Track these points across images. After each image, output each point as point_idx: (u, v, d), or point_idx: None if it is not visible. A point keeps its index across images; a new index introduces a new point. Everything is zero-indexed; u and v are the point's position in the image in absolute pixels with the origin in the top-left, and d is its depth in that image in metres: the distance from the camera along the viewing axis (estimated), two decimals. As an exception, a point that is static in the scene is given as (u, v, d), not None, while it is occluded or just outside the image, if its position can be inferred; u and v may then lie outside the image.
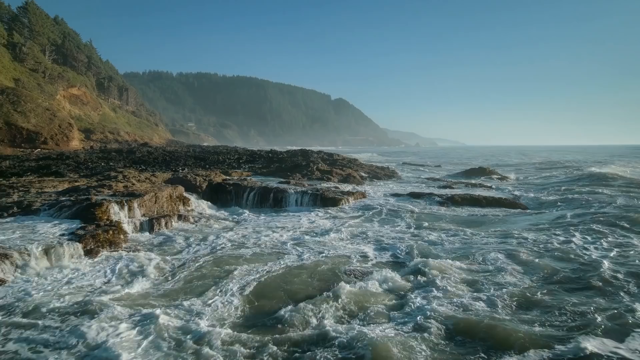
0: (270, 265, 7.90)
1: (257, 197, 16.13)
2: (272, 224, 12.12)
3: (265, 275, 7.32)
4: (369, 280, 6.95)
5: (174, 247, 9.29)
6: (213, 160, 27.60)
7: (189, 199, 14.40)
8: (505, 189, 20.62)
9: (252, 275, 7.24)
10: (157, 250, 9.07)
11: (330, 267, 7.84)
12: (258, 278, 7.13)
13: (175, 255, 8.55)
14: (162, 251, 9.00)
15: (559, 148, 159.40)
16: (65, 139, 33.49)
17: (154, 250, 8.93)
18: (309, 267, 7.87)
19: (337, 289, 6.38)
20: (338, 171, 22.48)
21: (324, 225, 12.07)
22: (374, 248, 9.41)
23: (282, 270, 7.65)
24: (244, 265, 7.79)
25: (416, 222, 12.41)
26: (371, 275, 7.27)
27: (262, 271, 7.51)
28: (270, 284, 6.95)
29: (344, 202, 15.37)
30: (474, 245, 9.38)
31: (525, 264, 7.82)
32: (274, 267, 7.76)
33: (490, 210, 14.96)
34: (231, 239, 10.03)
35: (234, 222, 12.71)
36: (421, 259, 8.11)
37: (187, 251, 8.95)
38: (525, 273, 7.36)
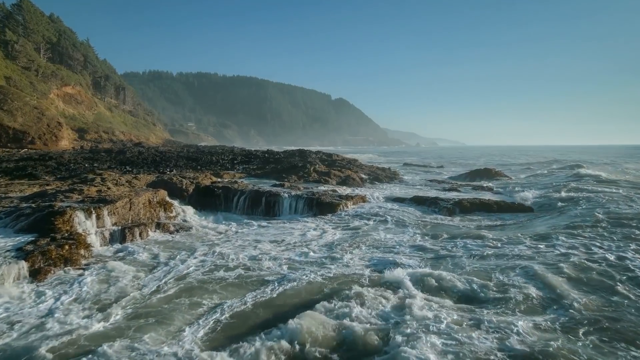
0: (252, 296, 6.41)
1: (247, 201, 14.86)
2: (260, 237, 10.81)
3: (240, 313, 5.84)
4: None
5: (142, 266, 7.95)
6: (206, 160, 26.32)
7: (172, 204, 13.13)
8: (513, 191, 19.31)
9: (225, 313, 5.76)
10: (120, 265, 7.76)
11: (328, 293, 6.53)
12: (229, 319, 5.62)
13: (137, 280, 7.12)
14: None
15: (560, 148, 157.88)
16: (54, 138, 32.24)
17: (115, 271, 7.59)
18: (296, 302, 6.28)
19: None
20: (336, 173, 21.20)
21: (319, 238, 10.75)
22: (375, 270, 8.10)
23: (262, 304, 6.16)
24: (219, 296, 6.38)
25: (424, 232, 11.13)
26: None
27: (237, 307, 6.00)
28: (243, 324, 5.50)
29: (342, 208, 14.09)
30: (510, 269, 8.00)
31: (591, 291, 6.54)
32: (257, 298, 6.34)
33: (502, 215, 13.71)
34: (211, 257, 8.66)
35: (219, 232, 11.42)
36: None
37: (154, 274, 7.47)
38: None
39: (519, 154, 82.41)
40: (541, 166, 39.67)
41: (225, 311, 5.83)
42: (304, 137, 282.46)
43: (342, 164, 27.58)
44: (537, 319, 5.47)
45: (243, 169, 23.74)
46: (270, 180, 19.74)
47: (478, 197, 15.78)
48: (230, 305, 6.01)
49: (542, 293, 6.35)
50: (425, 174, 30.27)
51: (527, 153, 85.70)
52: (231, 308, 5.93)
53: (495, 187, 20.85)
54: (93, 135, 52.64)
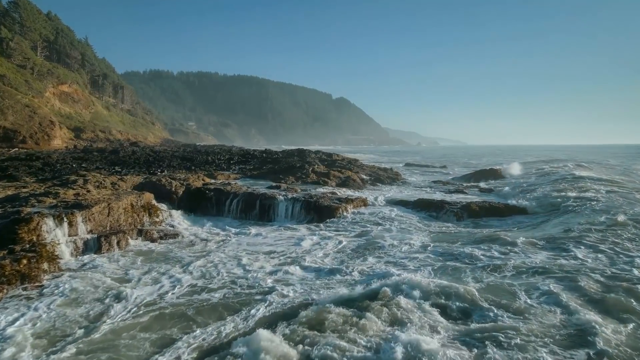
0: (233, 326, 5.37)
1: (241, 205, 13.93)
2: (252, 247, 9.86)
3: (218, 347, 4.84)
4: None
5: (111, 284, 6.94)
6: (201, 160, 25.40)
7: (158, 208, 12.21)
8: (521, 192, 18.33)
9: (197, 351, 4.73)
10: (84, 285, 6.78)
11: (330, 320, 5.56)
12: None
13: (99, 305, 6.01)
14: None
15: (562, 148, 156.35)
16: (46, 137, 31.34)
17: (77, 292, 6.59)
18: (287, 333, 5.16)
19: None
20: (336, 173, 20.25)
21: (317, 248, 9.81)
22: (379, 286, 7.13)
23: (247, 333, 5.14)
24: (196, 326, 5.37)
25: (431, 240, 10.17)
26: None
27: (214, 341, 4.98)
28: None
29: (341, 211, 13.14)
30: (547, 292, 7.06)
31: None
32: (239, 328, 5.30)
33: (513, 219, 12.77)
34: (194, 271, 7.69)
35: (207, 240, 10.48)
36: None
37: (122, 295, 6.39)
38: None
39: (523, 153, 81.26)
40: (544, 165, 38.63)
41: (216, 340, 4.87)
42: (305, 136, 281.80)
43: (343, 164, 26.64)
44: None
45: (239, 170, 22.82)
46: (267, 182, 18.80)
47: (487, 201, 14.83)
48: (205, 340, 5.03)
49: (566, 319, 5.40)
50: (428, 175, 29.31)
51: (530, 152, 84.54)
52: (207, 343, 4.96)
53: (501, 188, 19.88)
54: (89, 134, 51.75)
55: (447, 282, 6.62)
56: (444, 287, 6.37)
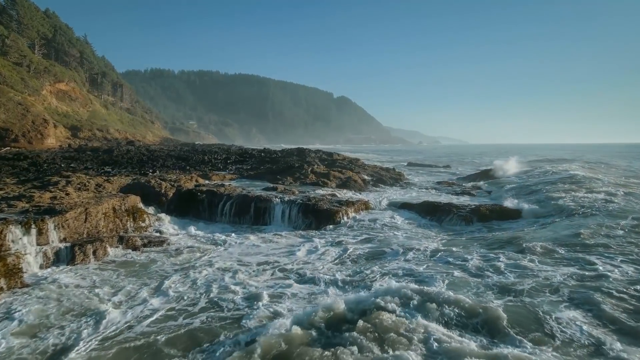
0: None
1: (234, 208, 13.07)
2: (244, 257, 9.00)
3: None
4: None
5: (74, 305, 6.07)
6: (197, 160, 24.56)
7: (144, 212, 11.35)
8: (530, 194, 17.41)
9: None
10: (45, 308, 5.90)
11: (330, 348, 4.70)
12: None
13: (64, 331, 5.16)
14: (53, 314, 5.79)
15: (564, 147, 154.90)
16: (39, 136, 30.53)
17: (36, 313, 5.66)
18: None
19: None
20: (336, 174, 19.35)
21: (316, 258, 8.96)
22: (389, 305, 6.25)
23: None
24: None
25: (439, 247, 9.27)
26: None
27: None
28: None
29: (342, 216, 12.26)
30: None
31: None
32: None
33: (524, 222, 11.88)
34: (176, 289, 6.77)
35: (196, 248, 9.61)
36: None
37: (83, 322, 5.48)
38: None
39: (527, 152, 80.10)
40: (550, 164, 37.64)
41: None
42: (306, 135, 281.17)
43: (343, 164, 25.75)
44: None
45: (236, 170, 21.95)
46: (264, 183, 17.93)
47: (498, 203, 13.92)
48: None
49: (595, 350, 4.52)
50: (432, 175, 28.40)
51: (533, 152, 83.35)
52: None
53: (509, 188, 18.95)
54: (87, 133, 50.94)
55: (469, 300, 5.70)
56: (464, 306, 5.48)
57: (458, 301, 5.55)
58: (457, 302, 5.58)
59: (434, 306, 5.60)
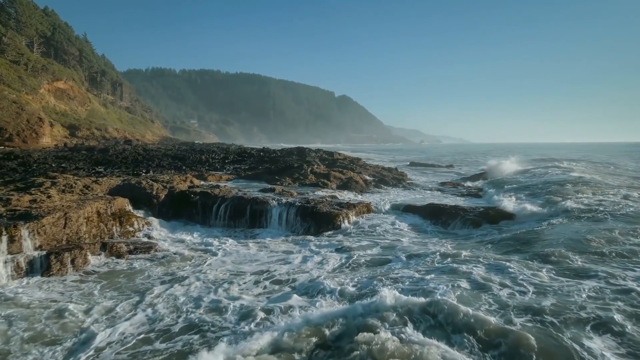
0: None
1: (229, 211, 12.42)
2: (237, 266, 8.34)
3: None
4: None
5: (49, 324, 5.43)
6: (194, 160, 23.92)
7: (133, 215, 10.71)
8: (539, 195, 16.69)
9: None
10: (6, 331, 5.25)
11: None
12: None
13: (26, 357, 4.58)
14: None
15: (568, 146, 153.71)
16: (34, 135, 29.95)
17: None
18: None
19: None
20: (337, 174, 18.69)
21: (314, 267, 8.32)
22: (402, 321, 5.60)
23: None
24: None
25: (448, 253, 8.58)
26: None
27: None
28: None
29: (342, 219, 11.59)
30: None
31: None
32: None
33: (536, 225, 11.16)
34: (161, 303, 6.15)
35: (186, 256, 8.96)
36: None
37: (59, 346, 4.85)
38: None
39: (531, 151, 79.20)
40: (553, 164, 36.90)
41: None
42: (307, 134, 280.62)
43: (344, 163, 25.08)
44: None
45: (233, 170, 21.31)
46: (262, 183, 17.29)
47: (504, 206, 13.21)
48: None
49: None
50: (434, 175, 27.69)
51: (537, 151, 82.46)
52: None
53: (512, 189, 18.22)
54: (85, 132, 50.42)
55: (491, 320, 5.02)
56: (485, 328, 4.81)
57: (478, 322, 4.87)
58: (475, 323, 4.90)
59: (445, 324, 4.96)
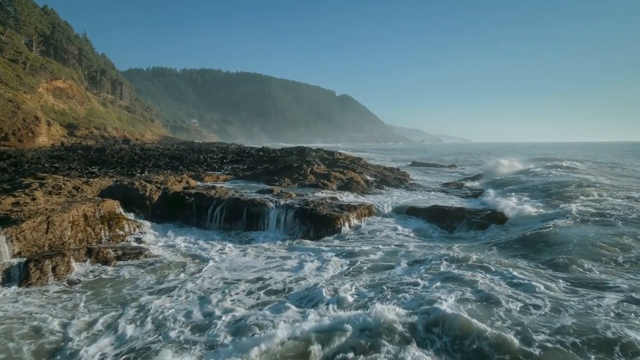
0: None
1: (225, 213, 11.93)
2: (232, 273, 7.86)
3: None
4: None
5: (19, 346, 4.91)
6: (191, 160, 23.44)
7: (123, 218, 10.22)
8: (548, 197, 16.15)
9: None
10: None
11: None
12: None
13: None
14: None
15: (571, 145, 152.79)
16: (30, 134, 29.51)
17: None
18: None
19: None
20: (337, 175, 18.18)
21: (313, 274, 7.87)
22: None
23: None
24: None
25: (454, 258, 8.08)
26: None
27: None
28: None
29: (342, 222, 11.08)
30: None
31: None
32: None
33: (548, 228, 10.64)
34: (146, 318, 5.65)
35: (177, 262, 8.47)
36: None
37: None
38: None
39: (534, 151, 78.53)
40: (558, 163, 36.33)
41: None
42: (308, 134, 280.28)
43: (345, 163, 24.57)
44: None
45: (231, 170, 20.83)
46: (260, 184, 16.79)
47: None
48: None
49: None
50: (437, 175, 27.15)
51: (539, 150, 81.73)
52: None
53: (518, 189, 17.69)
54: (84, 131, 50.00)
55: (508, 339, 4.53)
56: (505, 349, 4.32)
57: (492, 344, 4.36)
58: (489, 344, 4.40)
59: (453, 344, 4.46)
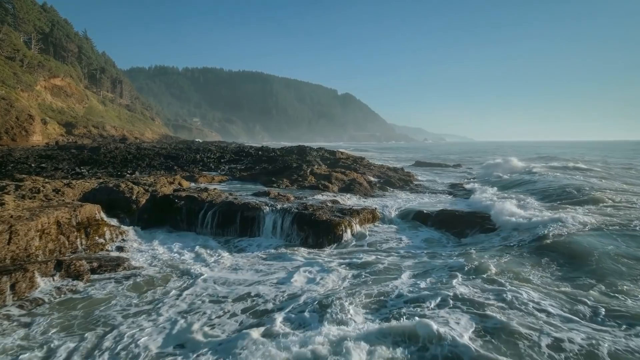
0: None
1: (217, 218, 11.05)
2: (221, 289, 6.96)
3: None
4: None
5: None
6: (187, 159, 22.59)
7: (104, 224, 9.35)
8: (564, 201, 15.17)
9: None
10: None
11: None
12: None
13: None
14: None
15: (575, 144, 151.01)
16: (23, 133, 28.75)
17: None
18: None
19: None
20: (339, 176, 17.27)
21: (310, 288, 6.99)
22: None
23: None
24: None
25: (473, 283, 7.16)
26: None
27: None
28: None
29: (344, 229, 10.17)
30: None
31: None
32: None
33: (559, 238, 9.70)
34: (115, 354, 4.81)
35: (156, 279, 7.57)
36: None
37: None
38: None
39: (538, 150, 77.25)
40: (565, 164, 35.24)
41: None
42: (310, 132, 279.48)
43: (347, 163, 23.65)
44: None
45: (228, 170, 19.97)
46: (257, 185, 15.93)
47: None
48: None
49: None
50: (443, 176, 26.17)
51: (544, 150, 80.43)
52: None
53: (536, 192, 16.72)
54: (82, 130, 49.31)
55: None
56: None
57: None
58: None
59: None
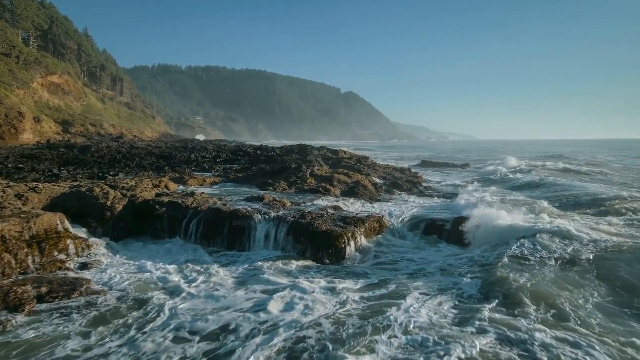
0: None
1: (203, 227, 9.72)
2: (196, 320, 5.62)
3: None
4: None
5: None
6: (180, 159, 21.29)
7: (67, 236, 8.02)
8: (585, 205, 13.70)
9: None
10: None
11: None
12: None
13: None
14: None
15: (579, 143, 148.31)
16: (12, 131, 27.60)
17: None
18: None
19: None
20: (341, 177, 15.88)
21: (299, 315, 5.63)
22: None
23: None
24: None
25: (499, 309, 5.78)
26: None
27: None
28: None
29: (347, 241, 8.77)
30: None
31: None
32: None
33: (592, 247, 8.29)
34: None
35: (121, 309, 6.23)
36: None
37: None
38: None
39: (548, 149, 75.29)
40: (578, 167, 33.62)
41: None
42: (313, 131, 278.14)
43: (350, 163, 22.25)
44: None
45: (223, 171, 18.63)
46: (252, 188, 14.58)
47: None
48: None
49: None
50: (452, 176, 24.70)
51: (552, 149, 78.36)
52: None
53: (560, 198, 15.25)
54: (79, 128, 48.23)
55: None
56: None
57: None
58: None
59: None
